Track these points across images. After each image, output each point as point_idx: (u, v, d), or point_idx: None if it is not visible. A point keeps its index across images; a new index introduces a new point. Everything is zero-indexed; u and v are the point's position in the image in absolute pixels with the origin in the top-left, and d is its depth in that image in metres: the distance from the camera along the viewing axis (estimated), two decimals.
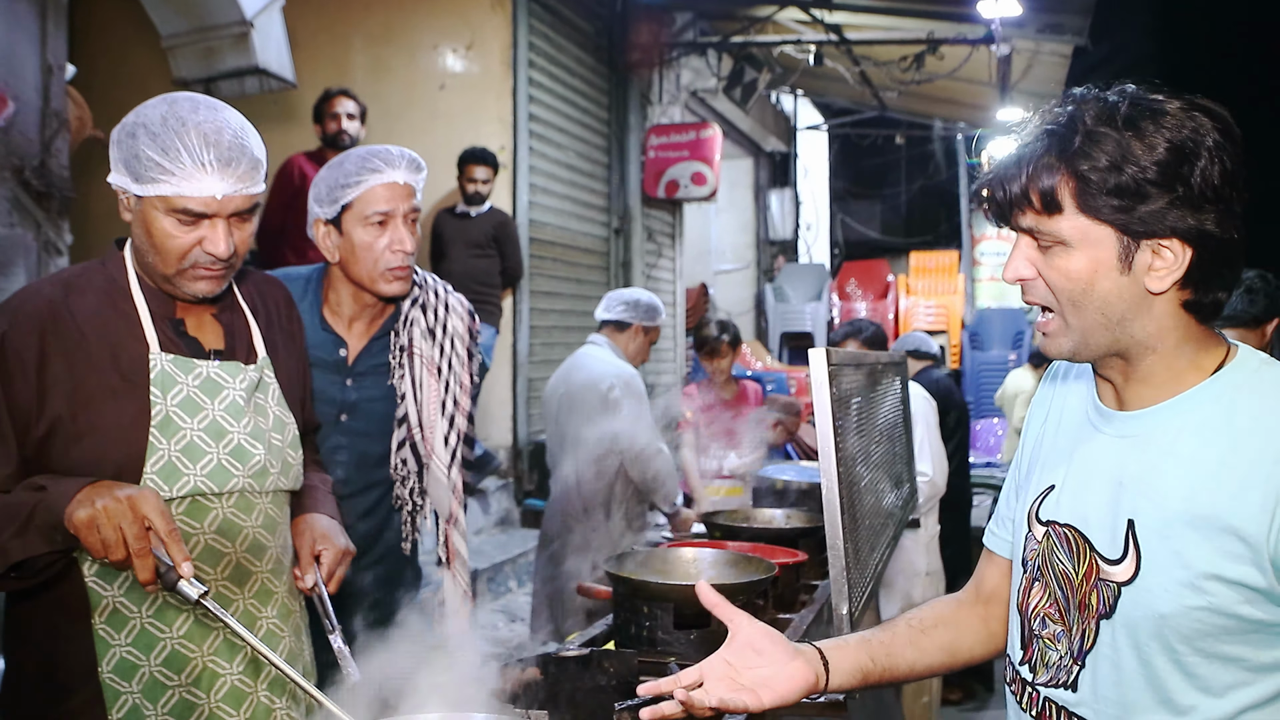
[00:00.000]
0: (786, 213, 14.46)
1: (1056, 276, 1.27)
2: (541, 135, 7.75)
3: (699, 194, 9.57)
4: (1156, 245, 1.22)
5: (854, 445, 2.43)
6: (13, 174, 3.79)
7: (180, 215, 1.68)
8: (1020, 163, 1.26)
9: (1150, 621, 1.24)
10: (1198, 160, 1.19)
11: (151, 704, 1.72)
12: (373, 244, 2.33)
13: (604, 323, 4.48)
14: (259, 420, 1.84)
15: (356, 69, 7.43)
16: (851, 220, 19.53)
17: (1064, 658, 1.34)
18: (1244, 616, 1.20)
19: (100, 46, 7.27)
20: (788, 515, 3.46)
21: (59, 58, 4.00)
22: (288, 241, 5.47)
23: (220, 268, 1.75)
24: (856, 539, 2.31)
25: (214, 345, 1.84)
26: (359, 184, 2.32)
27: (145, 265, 1.77)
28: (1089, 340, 1.28)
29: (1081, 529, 1.33)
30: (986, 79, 9.92)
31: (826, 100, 14.87)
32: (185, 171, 1.65)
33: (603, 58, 8.82)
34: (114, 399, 1.70)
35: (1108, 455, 1.33)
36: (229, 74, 4.85)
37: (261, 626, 1.84)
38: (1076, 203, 1.23)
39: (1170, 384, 1.28)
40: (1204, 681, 1.23)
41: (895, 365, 3.56)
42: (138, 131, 1.67)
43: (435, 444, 2.50)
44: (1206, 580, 1.20)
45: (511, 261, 6.65)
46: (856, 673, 1.52)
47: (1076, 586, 1.32)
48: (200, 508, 1.75)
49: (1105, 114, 1.22)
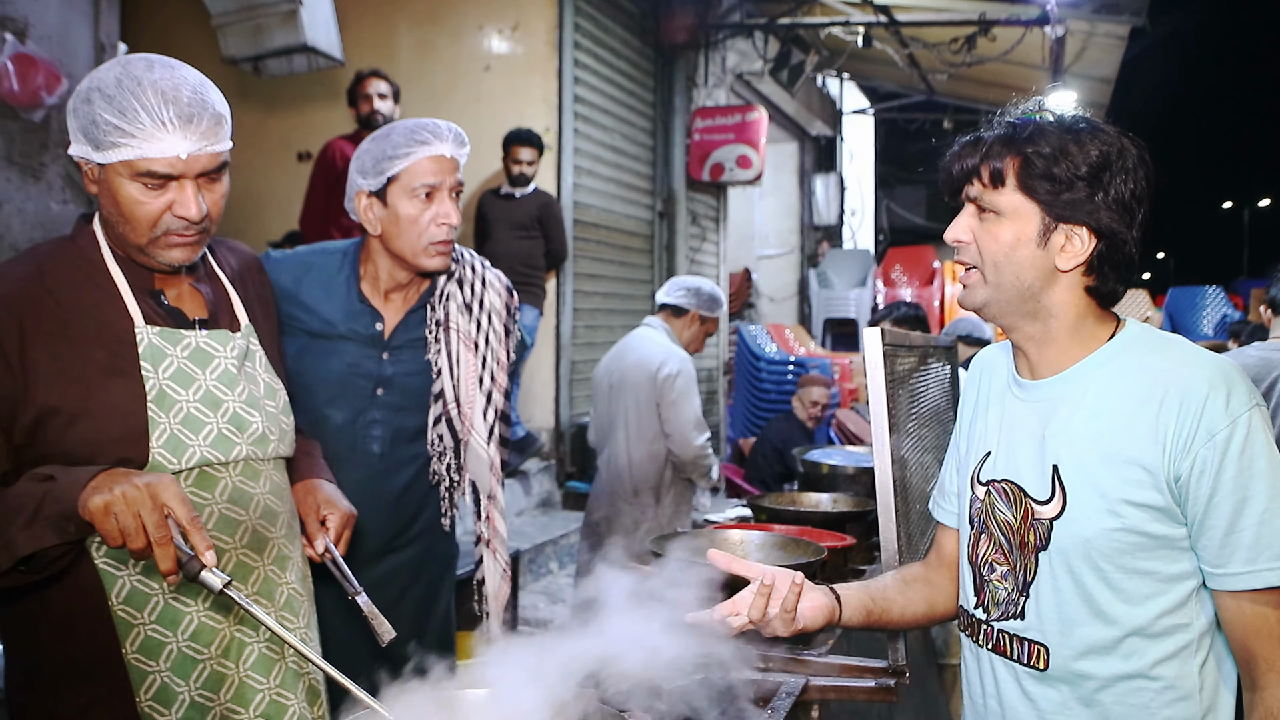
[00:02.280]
0: (831, 197, 14.32)
1: (987, 240, 1.56)
2: (586, 117, 7.72)
3: (744, 177, 9.49)
4: (1070, 230, 1.52)
5: (905, 428, 2.38)
6: (65, 151, 3.82)
7: (146, 179, 1.60)
8: (979, 143, 1.56)
9: (1078, 546, 1.51)
10: (1117, 173, 1.50)
11: (183, 679, 1.69)
12: (418, 217, 2.31)
13: (662, 306, 4.45)
14: (251, 388, 1.81)
15: (401, 50, 7.44)
16: (897, 206, 19.33)
17: (1011, 592, 1.61)
18: (1152, 534, 1.47)
19: (150, 25, 7.34)
20: (834, 499, 3.42)
21: (111, 36, 4.03)
22: (333, 223, 5.49)
23: (193, 233, 1.68)
24: (909, 522, 2.27)
25: (197, 314, 1.79)
26: (407, 156, 2.30)
27: (117, 237, 1.69)
28: (999, 297, 1.57)
29: (1016, 480, 1.60)
30: (1038, 62, 9.72)
31: (873, 84, 14.69)
32: (146, 132, 1.58)
33: (648, 39, 8.77)
34: (104, 378, 1.65)
35: (1030, 417, 1.61)
36: (277, 52, 4.86)
37: (282, 593, 1.83)
38: (1017, 180, 1.52)
39: (1074, 351, 1.57)
40: (1127, 594, 1.50)
41: (946, 349, 3.50)
42: (92, 96, 1.59)
43: (474, 420, 2.48)
44: (1120, 505, 1.48)
45: (556, 243, 6.63)
46: (861, 610, 1.80)
47: (1016, 530, 1.59)
48: (209, 478, 1.73)
49: (1056, 120, 1.53)
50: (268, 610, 1.76)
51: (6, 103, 3.57)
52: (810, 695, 2.10)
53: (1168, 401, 1.46)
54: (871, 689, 2.11)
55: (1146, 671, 1.50)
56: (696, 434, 4.14)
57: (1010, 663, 1.61)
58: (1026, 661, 1.59)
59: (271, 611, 1.78)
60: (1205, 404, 1.43)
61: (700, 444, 4.13)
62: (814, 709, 2.12)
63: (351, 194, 2.39)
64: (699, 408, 4.20)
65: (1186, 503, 1.45)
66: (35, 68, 3.59)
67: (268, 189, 7.34)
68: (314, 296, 2.40)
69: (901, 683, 2.10)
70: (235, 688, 1.74)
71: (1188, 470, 1.44)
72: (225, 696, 1.74)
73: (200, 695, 1.71)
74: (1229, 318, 13.25)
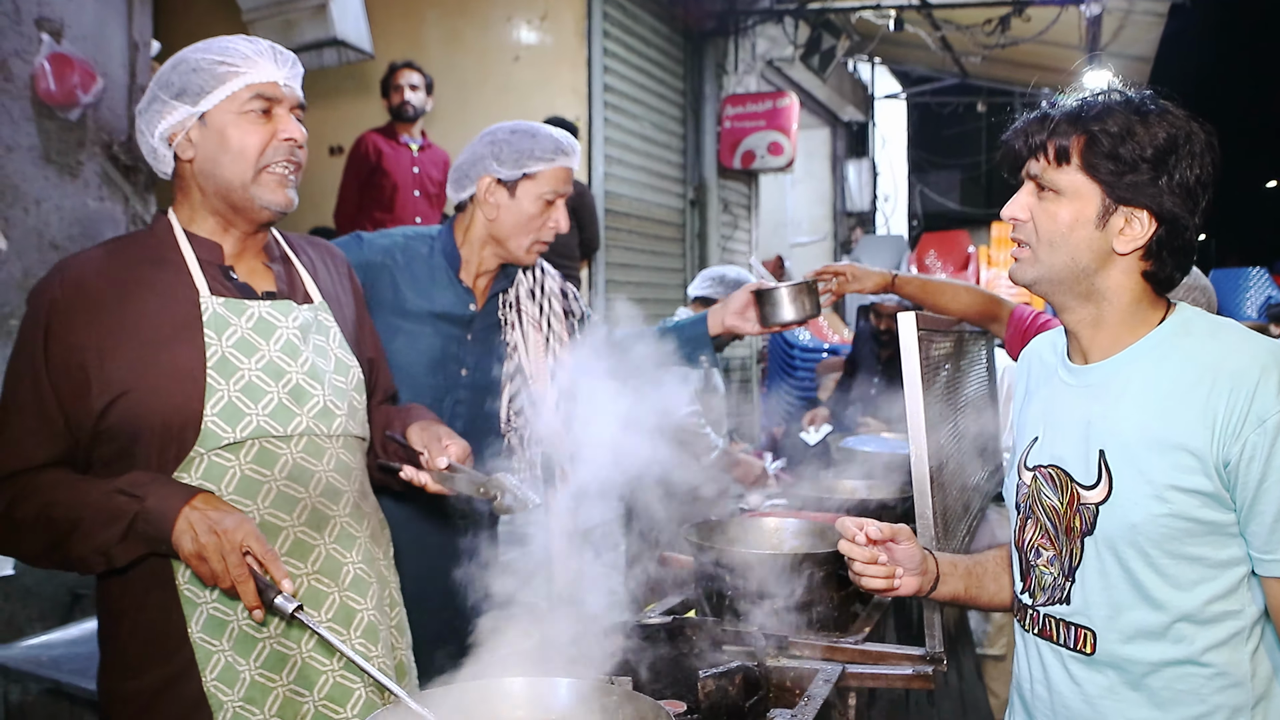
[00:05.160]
0: (864, 183, 14.21)
1: (1044, 219, 1.55)
2: (616, 106, 7.70)
3: (775, 164, 9.44)
4: (1131, 213, 1.50)
5: (940, 414, 2.36)
6: (102, 149, 3.87)
7: (253, 107, 1.75)
8: (1046, 119, 1.54)
9: (1125, 531, 1.50)
10: (1183, 157, 1.48)
11: (243, 659, 1.71)
12: (537, 216, 2.48)
13: (694, 299, 4.44)
14: (318, 361, 1.84)
15: (430, 41, 7.45)
16: (930, 191, 19.14)
17: (1057, 577, 1.60)
18: (1200, 519, 1.45)
19: (183, 22, 7.39)
20: (870, 487, 3.40)
21: (144, 35, 4.07)
22: (367, 216, 5.53)
23: (292, 164, 1.81)
24: (945, 508, 2.25)
25: (265, 289, 1.85)
26: (550, 161, 2.46)
27: (217, 188, 1.78)
28: (1051, 275, 1.56)
29: (1062, 466, 1.60)
30: (1074, 42, 9.58)
31: (905, 68, 14.55)
32: (248, 61, 1.75)
33: (677, 27, 8.72)
34: (168, 348, 1.71)
35: (1077, 403, 1.60)
36: (308, 46, 4.89)
37: (347, 572, 1.83)
38: (1080, 159, 1.51)
39: (1125, 336, 1.56)
40: (1175, 579, 1.48)
41: (982, 334, 3.46)
42: (182, 60, 1.76)
43: (544, 396, 2.60)
44: (1167, 490, 1.46)
45: (589, 233, 6.64)
46: (949, 596, 1.83)
47: (1062, 515, 1.59)
48: (269, 454, 1.75)
49: (1124, 100, 1.51)
50: (330, 589, 1.80)
51: (44, 102, 3.62)
52: (848, 682, 2.09)
53: (1218, 386, 1.44)
54: (909, 676, 2.10)
55: (1196, 658, 1.48)
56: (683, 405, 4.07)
57: (1057, 647, 1.61)
58: (1073, 646, 1.58)
59: (335, 592, 1.81)
60: (1257, 389, 1.41)
61: (687, 412, 4.06)
62: (851, 696, 2.11)
63: (474, 174, 2.49)
64: (692, 383, 4.11)
65: (1235, 488, 1.43)
66: (71, 67, 3.63)
67: (306, 182, 7.38)
68: (408, 276, 2.49)
69: (939, 670, 2.09)
70: (298, 669, 1.75)
71: (1237, 455, 1.41)
72: (288, 678, 1.74)
73: (261, 675, 1.72)
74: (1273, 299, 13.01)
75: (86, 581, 3.73)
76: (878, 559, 1.72)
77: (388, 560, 1.98)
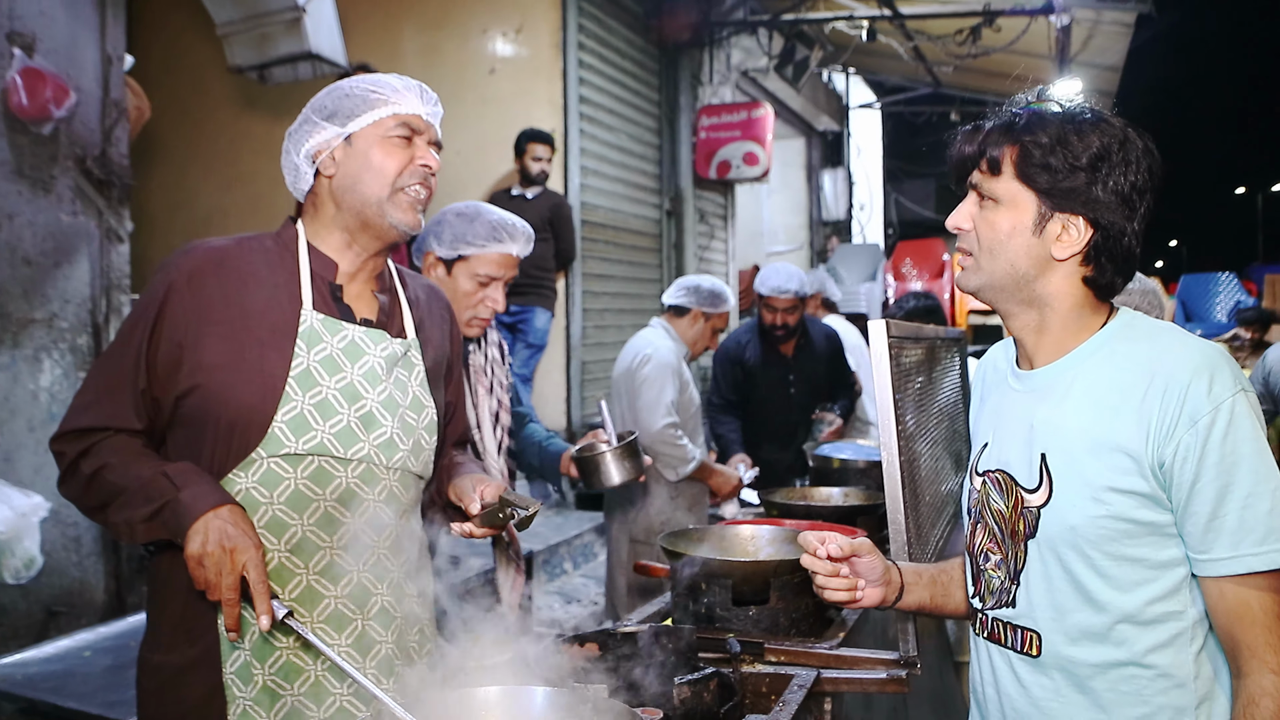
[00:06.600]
0: (839, 192, 14.30)
1: (984, 228, 1.58)
2: (592, 118, 7.73)
3: (751, 174, 9.49)
4: (1066, 220, 1.53)
5: (913, 421, 2.39)
6: (75, 163, 3.85)
7: (397, 133, 1.85)
8: (979, 131, 1.59)
9: (1065, 533, 1.52)
10: (1117, 165, 1.50)
11: (260, 662, 1.74)
12: (472, 294, 2.63)
13: (668, 308, 4.46)
14: (396, 394, 1.87)
15: (407, 54, 7.46)
16: (905, 199, 19.28)
17: (1004, 581, 1.62)
18: (1138, 520, 1.48)
19: (157, 36, 7.37)
20: (845, 493, 3.42)
21: (118, 48, 4.06)
22: None
23: (426, 191, 1.89)
24: (918, 514, 2.27)
25: (364, 315, 1.90)
26: (483, 247, 2.59)
27: (353, 204, 1.85)
28: (992, 282, 1.59)
29: (1008, 470, 1.62)
30: (1044, 51, 9.69)
31: (879, 78, 14.66)
32: (398, 94, 1.87)
33: (652, 39, 8.77)
34: (258, 349, 1.77)
35: (1022, 408, 1.62)
36: (282, 59, 4.88)
37: (375, 603, 1.83)
38: (1015, 168, 1.54)
39: (1068, 340, 1.59)
40: (1116, 581, 1.50)
41: (955, 341, 3.50)
42: (337, 88, 1.89)
43: (487, 441, 2.77)
44: (1105, 492, 1.48)
45: (565, 244, 6.65)
46: (915, 605, 1.83)
47: (1007, 519, 1.61)
48: (325, 473, 1.78)
49: (1061, 110, 1.54)
50: (355, 616, 1.81)
51: (16, 116, 3.61)
52: (822, 687, 2.11)
53: (1152, 388, 1.46)
54: (883, 680, 2.12)
55: (1139, 659, 1.50)
56: (660, 418, 4.07)
57: (1005, 650, 1.63)
58: (1020, 649, 1.60)
59: (359, 619, 1.81)
60: (1188, 390, 1.43)
61: (661, 427, 4.07)
62: (826, 701, 2.13)
63: (422, 249, 2.68)
64: (669, 395, 4.12)
65: (1171, 489, 1.46)
66: (44, 81, 3.62)
67: (278, 197, 7.36)
68: None
69: (913, 674, 2.11)
70: (310, 684, 1.77)
71: (1171, 456, 1.44)
72: (299, 689, 1.76)
73: (273, 681, 1.75)
74: (1242, 303, 13.17)
75: (62, 599, 3.70)
76: (839, 572, 1.74)
77: (422, 598, 1.96)
